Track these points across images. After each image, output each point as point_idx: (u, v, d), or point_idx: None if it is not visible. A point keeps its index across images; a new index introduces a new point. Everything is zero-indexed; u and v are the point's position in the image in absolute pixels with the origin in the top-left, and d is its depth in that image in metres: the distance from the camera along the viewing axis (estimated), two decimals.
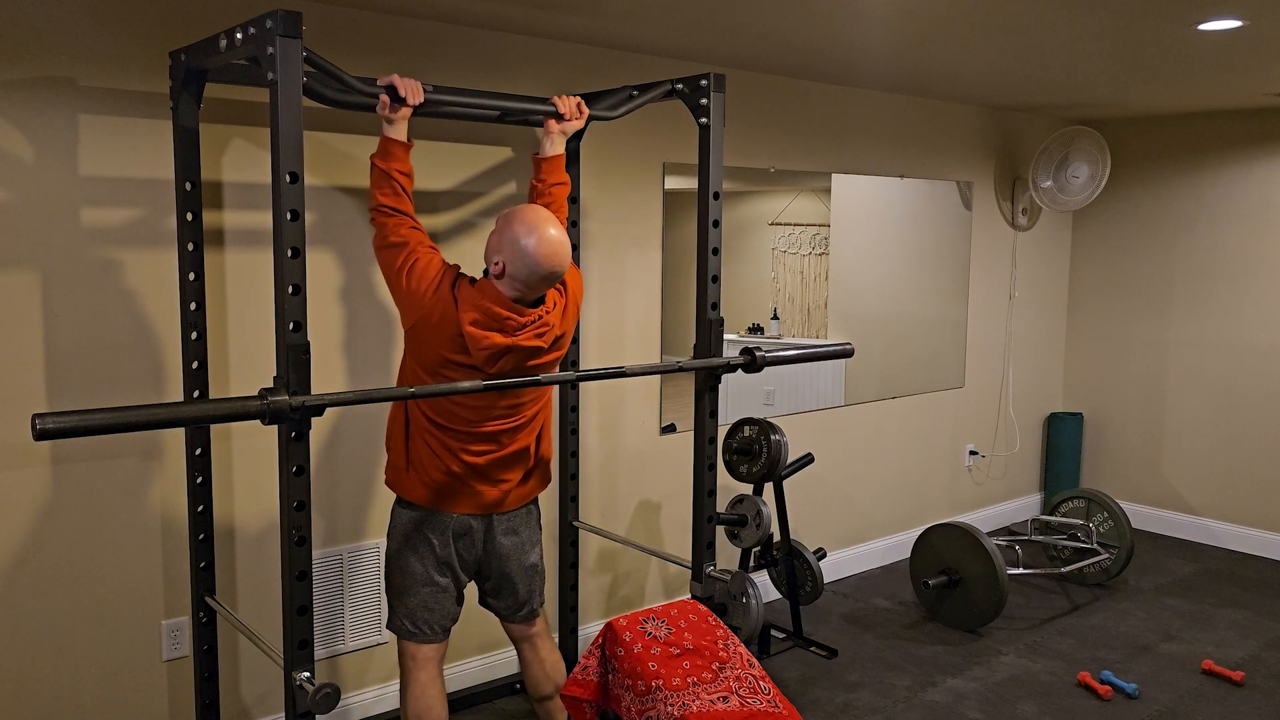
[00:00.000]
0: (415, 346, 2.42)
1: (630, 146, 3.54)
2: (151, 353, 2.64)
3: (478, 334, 2.34)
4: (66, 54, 2.44)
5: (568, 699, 2.75)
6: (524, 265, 2.34)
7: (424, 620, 2.56)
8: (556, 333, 2.48)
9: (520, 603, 2.70)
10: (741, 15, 2.87)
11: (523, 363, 2.44)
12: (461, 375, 2.40)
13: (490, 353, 2.36)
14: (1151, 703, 3.38)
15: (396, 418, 2.55)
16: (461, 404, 2.44)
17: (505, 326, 2.35)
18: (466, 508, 2.53)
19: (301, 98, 1.95)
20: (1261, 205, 4.83)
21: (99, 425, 1.80)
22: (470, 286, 2.38)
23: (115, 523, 2.63)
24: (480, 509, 2.55)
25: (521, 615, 2.73)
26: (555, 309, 2.47)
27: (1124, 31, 3.04)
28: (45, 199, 2.45)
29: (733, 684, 2.61)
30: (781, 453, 3.59)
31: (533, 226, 2.35)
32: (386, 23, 2.92)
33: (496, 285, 2.37)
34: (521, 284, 2.36)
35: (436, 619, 2.57)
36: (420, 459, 2.49)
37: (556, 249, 2.35)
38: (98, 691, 2.65)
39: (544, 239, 2.34)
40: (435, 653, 2.59)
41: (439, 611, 2.57)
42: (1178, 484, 5.23)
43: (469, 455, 2.48)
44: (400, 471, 2.53)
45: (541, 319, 2.42)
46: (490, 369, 2.39)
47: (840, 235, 4.39)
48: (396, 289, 2.40)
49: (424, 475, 2.50)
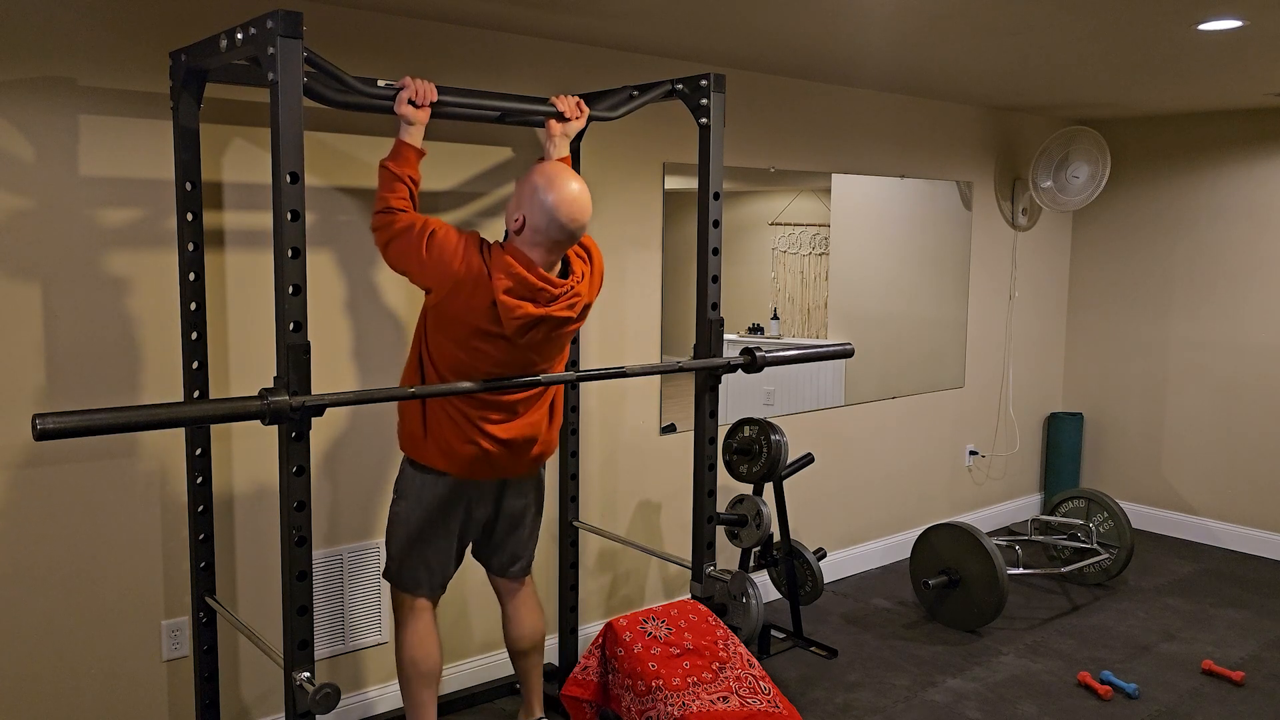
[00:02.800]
0: (441, 319, 2.42)
1: (630, 146, 3.54)
2: (152, 353, 2.64)
3: (511, 303, 2.35)
4: (66, 54, 2.44)
5: (568, 699, 2.76)
6: (544, 216, 2.36)
7: (425, 578, 2.64)
8: (585, 302, 2.52)
9: (517, 557, 2.80)
10: (741, 15, 2.87)
11: (550, 333, 2.46)
12: (491, 346, 2.41)
13: (522, 323, 2.38)
14: (1151, 703, 3.38)
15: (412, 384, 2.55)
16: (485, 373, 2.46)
17: (539, 298, 2.38)
18: (483, 474, 2.60)
19: (302, 98, 1.95)
20: (1261, 205, 4.83)
21: (99, 425, 1.80)
22: (500, 251, 2.39)
23: (115, 523, 2.63)
24: (495, 475, 2.62)
25: (515, 570, 2.82)
26: (584, 279, 2.50)
27: (1124, 31, 3.04)
28: (45, 199, 2.45)
29: (733, 684, 2.61)
30: (781, 453, 3.59)
31: (552, 178, 2.38)
32: (386, 23, 2.92)
33: (522, 248, 2.39)
34: (543, 237, 2.38)
35: (438, 577, 2.66)
36: (439, 427, 2.52)
37: (576, 197, 2.38)
38: (98, 691, 2.65)
39: (565, 189, 2.37)
40: (432, 603, 2.69)
41: (440, 571, 2.66)
42: (1178, 484, 5.23)
43: (489, 425, 2.52)
44: (417, 439, 2.56)
45: (573, 289, 2.45)
46: (520, 339, 2.41)
47: (840, 235, 4.39)
48: (420, 265, 2.37)
49: (442, 444, 2.53)
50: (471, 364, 2.45)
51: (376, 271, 3.01)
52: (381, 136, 2.95)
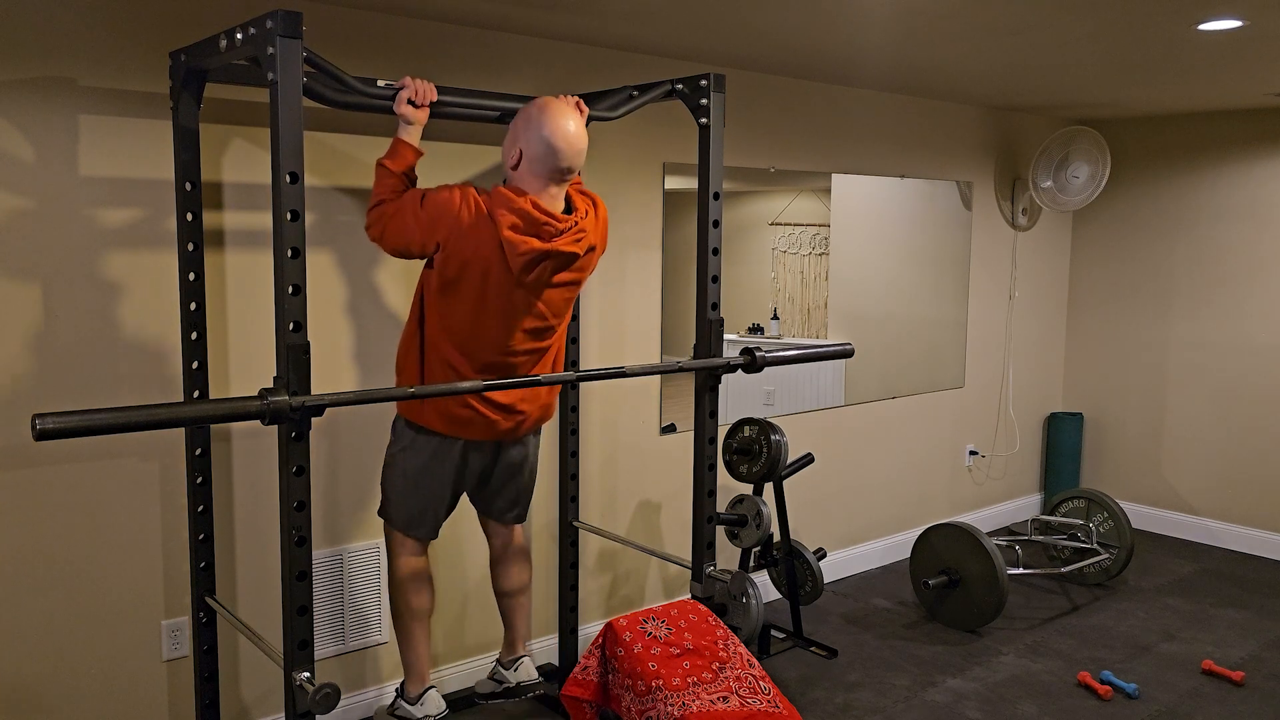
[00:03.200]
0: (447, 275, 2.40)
1: (630, 146, 3.54)
2: (151, 353, 2.64)
3: (516, 239, 2.35)
4: (66, 54, 2.44)
5: (568, 699, 2.76)
6: (541, 144, 2.39)
7: (418, 522, 2.66)
8: (591, 241, 2.52)
9: (513, 504, 2.83)
10: (741, 15, 2.87)
11: (557, 271, 2.46)
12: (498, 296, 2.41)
13: (528, 258, 2.38)
14: (1151, 703, 3.38)
15: (410, 347, 2.56)
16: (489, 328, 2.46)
17: (543, 232, 2.38)
18: (481, 435, 2.61)
19: (301, 98, 1.95)
20: (1261, 205, 4.83)
21: (99, 425, 1.81)
22: (500, 189, 2.41)
23: (115, 523, 2.63)
24: (494, 437, 2.64)
25: (512, 517, 2.85)
26: (588, 216, 2.51)
27: (1124, 31, 3.04)
28: (45, 199, 2.45)
29: (733, 684, 2.61)
30: (781, 453, 3.59)
31: (545, 106, 2.43)
32: (386, 23, 2.92)
33: (521, 185, 2.42)
34: (541, 167, 2.40)
35: (430, 521, 2.68)
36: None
37: (572, 125, 2.42)
38: (98, 691, 2.65)
39: (559, 116, 2.41)
40: (425, 543, 2.72)
41: (434, 515, 2.69)
42: (1178, 484, 5.23)
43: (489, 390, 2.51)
44: (415, 402, 2.57)
45: (578, 224, 2.46)
46: (526, 277, 2.41)
47: (840, 235, 4.39)
48: (419, 224, 2.37)
49: (440, 407, 2.54)
50: (476, 324, 2.44)
51: (377, 271, 3.01)
52: (381, 136, 2.95)
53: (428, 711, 2.74)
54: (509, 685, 2.91)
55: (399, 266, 3.05)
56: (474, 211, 2.35)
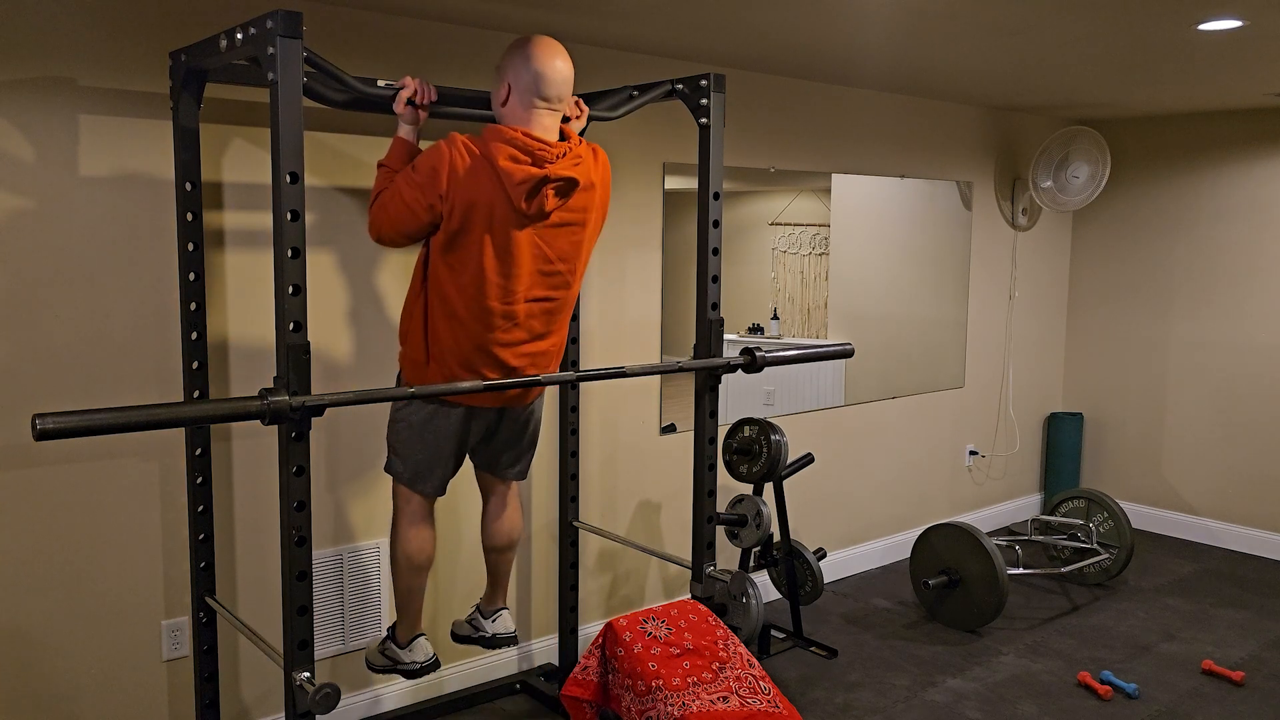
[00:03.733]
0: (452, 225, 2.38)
1: (630, 146, 3.54)
2: (151, 353, 2.64)
3: (513, 168, 2.35)
4: (66, 54, 2.44)
5: (568, 699, 2.76)
6: (527, 71, 2.39)
7: (425, 475, 2.64)
8: (589, 174, 2.49)
9: (516, 459, 2.81)
10: (741, 15, 2.88)
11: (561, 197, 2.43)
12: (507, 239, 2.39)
13: (528, 185, 2.36)
14: (1151, 703, 3.38)
15: (414, 311, 2.52)
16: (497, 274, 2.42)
17: (538, 157, 2.37)
18: (489, 403, 2.60)
19: (301, 98, 1.95)
20: (1261, 205, 4.83)
21: (99, 425, 1.80)
22: (489, 129, 2.41)
23: (115, 523, 2.63)
24: (503, 403, 2.63)
25: (513, 473, 2.83)
26: (584, 148, 2.51)
27: (1124, 32, 3.04)
28: (45, 199, 2.45)
29: (733, 684, 2.61)
30: (781, 453, 3.59)
31: (529, 39, 2.44)
32: (386, 23, 2.92)
33: (510, 121, 2.42)
34: (529, 94, 2.40)
35: (437, 477, 2.65)
36: (442, 353, 2.49)
37: (557, 53, 2.43)
38: (97, 691, 2.65)
39: (543, 42, 2.42)
40: (431, 500, 2.70)
41: (441, 473, 2.66)
42: (1178, 484, 5.23)
43: (499, 348, 2.48)
44: (419, 365, 2.53)
45: (572, 149, 2.45)
46: (530, 210, 2.39)
47: (840, 235, 4.39)
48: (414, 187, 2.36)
49: (446, 370, 2.50)
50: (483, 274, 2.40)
51: (377, 271, 3.01)
52: (381, 136, 2.95)
53: (415, 658, 2.74)
54: (485, 635, 2.91)
55: (399, 266, 3.05)
56: (467, 155, 2.35)
